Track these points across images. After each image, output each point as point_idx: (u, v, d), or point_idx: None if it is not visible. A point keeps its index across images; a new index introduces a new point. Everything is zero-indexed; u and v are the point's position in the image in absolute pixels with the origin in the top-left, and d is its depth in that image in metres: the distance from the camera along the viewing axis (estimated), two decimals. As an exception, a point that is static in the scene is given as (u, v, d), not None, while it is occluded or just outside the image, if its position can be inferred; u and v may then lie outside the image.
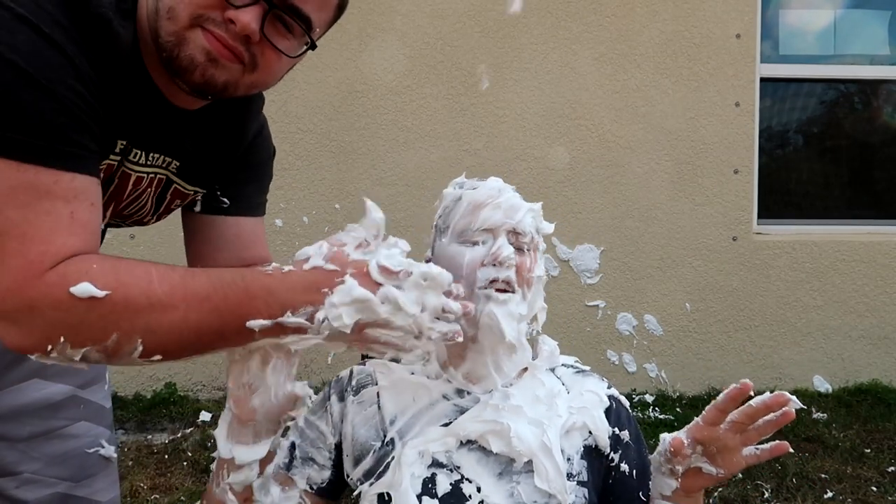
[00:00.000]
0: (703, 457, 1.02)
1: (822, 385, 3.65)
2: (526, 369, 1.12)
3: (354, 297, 0.82)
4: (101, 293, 0.75)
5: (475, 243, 1.07)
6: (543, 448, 1.01)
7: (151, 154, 0.99)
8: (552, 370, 1.14)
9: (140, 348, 0.77)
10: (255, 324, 0.80)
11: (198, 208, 1.12)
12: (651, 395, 3.60)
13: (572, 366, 1.17)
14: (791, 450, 1.02)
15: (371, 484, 1.04)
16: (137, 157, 0.97)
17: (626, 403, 1.14)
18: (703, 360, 3.69)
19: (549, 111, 3.61)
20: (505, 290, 1.04)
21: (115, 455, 1.26)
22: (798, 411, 0.97)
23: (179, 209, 1.14)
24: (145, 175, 1.01)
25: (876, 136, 3.94)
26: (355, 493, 1.08)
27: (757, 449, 1.01)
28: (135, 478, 2.70)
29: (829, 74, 3.87)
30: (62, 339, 0.75)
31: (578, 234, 3.63)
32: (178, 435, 3.10)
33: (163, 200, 1.08)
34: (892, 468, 2.85)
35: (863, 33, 3.92)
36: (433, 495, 1.00)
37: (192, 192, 1.09)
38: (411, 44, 3.56)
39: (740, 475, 2.77)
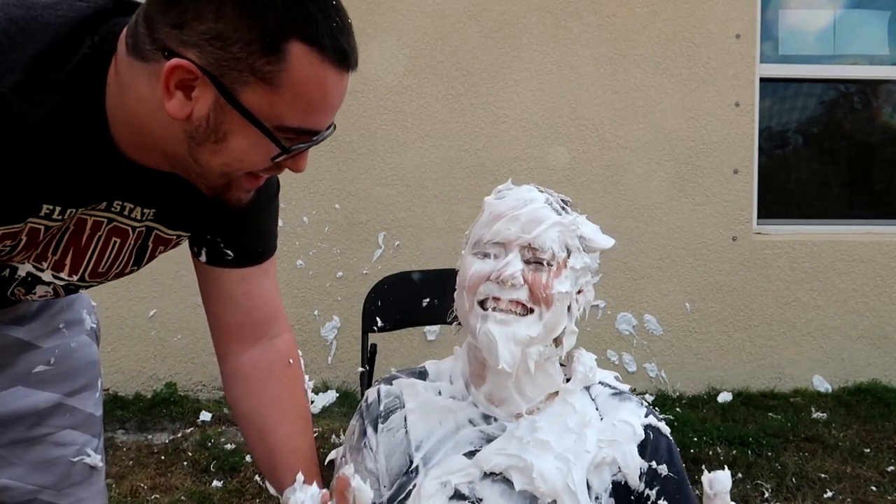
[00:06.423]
0: None
1: (821, 385, 3.65)
2: (556, 393, 1.06)
3: None
4: None
5: (486, 255, 1.02)
6: (567, 491, 0.96)
7: (126, 204, 0.96)
8: (587, 388, 1.08)
9: None
10: None
11: (203, 258, 1.08)
12: (651, 394, 3.60)
13: (610, 385, 1.10)
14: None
15: None
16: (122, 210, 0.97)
17: (667, 431, 1.05)
18: (703, 360, 3.69)
19: (549, 111, 3.61)
20: (510, 311, 0.98)
21: (101, 464, 1.23)
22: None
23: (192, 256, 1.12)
24: (130, 228, 0.99)
25: (876, 136, 3.94)
26: None
27: None
28: (135, 478, 2.70)
29: (829, 74, 3.87)
30: None
31: (578, 234, 3.63)
32: (179, 435, 3.10)
33: (145, 250, 1.03)
34: (892, 468, 2.85)
35: (863, 33, 3.92)
36: None
37: (174, 237, 1.05)
38: (411, 44, 3.56)
39: (739, 475, 2.77)
